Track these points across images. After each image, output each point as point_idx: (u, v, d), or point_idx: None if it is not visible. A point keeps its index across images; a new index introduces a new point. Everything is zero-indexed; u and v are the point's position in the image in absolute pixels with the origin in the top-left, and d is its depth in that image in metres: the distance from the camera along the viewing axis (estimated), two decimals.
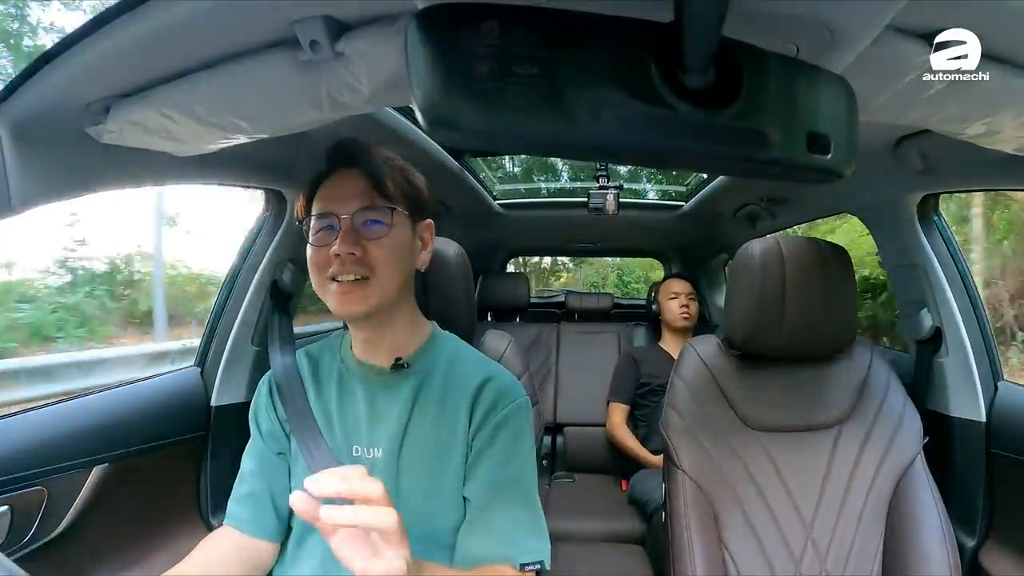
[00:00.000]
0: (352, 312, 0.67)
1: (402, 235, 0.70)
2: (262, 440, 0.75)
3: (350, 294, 0.66)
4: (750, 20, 0.42)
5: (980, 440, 1.08)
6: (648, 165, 0.71)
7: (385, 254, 0.67)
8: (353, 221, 0.67)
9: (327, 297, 0.68)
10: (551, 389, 2.34)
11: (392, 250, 0.68)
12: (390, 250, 0.68)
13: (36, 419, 0.88)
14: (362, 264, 0.66)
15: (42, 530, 0.84)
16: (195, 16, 0.50)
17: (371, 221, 0.67)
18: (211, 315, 1.21)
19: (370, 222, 0.67)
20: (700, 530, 0.93)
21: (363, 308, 0.66)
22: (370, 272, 0.66)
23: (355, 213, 0.67)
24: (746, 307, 1.00)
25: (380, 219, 0.68)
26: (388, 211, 0.68)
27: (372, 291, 0.66)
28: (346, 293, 0.66)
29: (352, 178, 0.69)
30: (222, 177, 1.00)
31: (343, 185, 0.69)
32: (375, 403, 0.72)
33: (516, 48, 0.34)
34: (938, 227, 1.21)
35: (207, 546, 0.69)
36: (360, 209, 0.67)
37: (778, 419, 1.01)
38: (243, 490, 0.73)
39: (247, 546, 0.71)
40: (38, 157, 0.67)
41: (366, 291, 0.66)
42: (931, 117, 0.61)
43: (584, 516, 1.72)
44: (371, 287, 0.66)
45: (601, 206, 1.88)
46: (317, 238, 0.68)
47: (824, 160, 0.40)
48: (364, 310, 0.67)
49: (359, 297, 0.66)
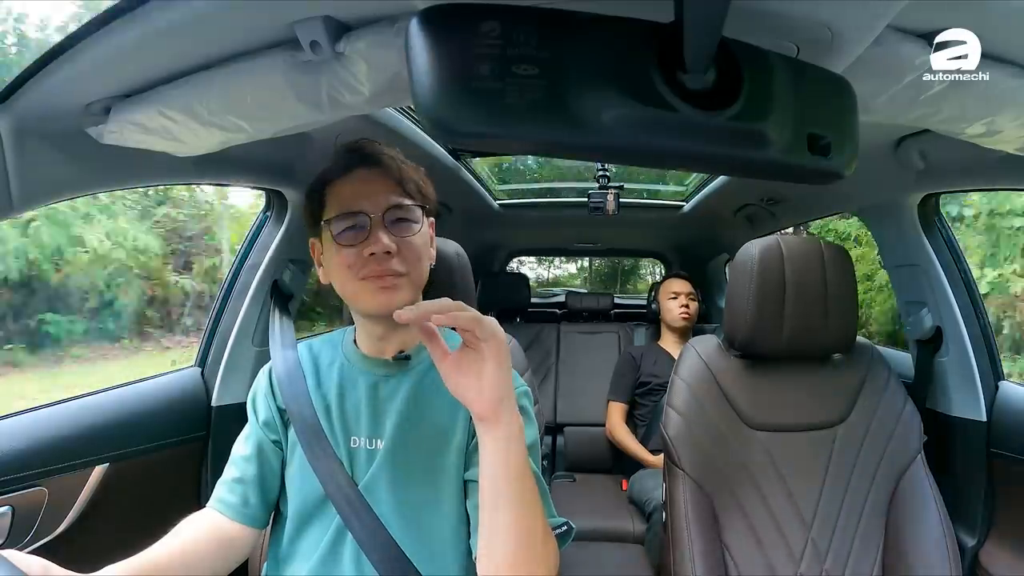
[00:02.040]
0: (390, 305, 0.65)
1: (426, 233, 0.72)
2: (259, 428, 0.75)
3: (387, 290, 0.66)
4: (750, 20, 0.42)
5: (980, 440, 1.08)
6: (648, 165, 0.71)
7: (416, 251, 0.69)
8: (384, 219, 0.67)
9: (360, 295, 0.68)
10: (551, 389, 2.34)
11: (421, 248, 0.70)
12: (419, 247, 0.69)
13: (37, 419, 0.88)
14: (397, 261, 0.67)
15: (43, 530, 0.84)
16: (195, 17, 0.50)
17: (401, 219, 0.68)
18: (211, 315, 1.21)
19: (401, 219, 0.68)
20: (700, 530, 0.93)
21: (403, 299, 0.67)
22: (404, 269, 0.67)
23: (386, 211, 0.67)
24: (746, 307, 1.00)
25: (410, 217, 0.69)
26: (417, 210, 0.70)
27: (408, 287, 0.68)
28: (384, 289, 0.66)
29: (375, 178, 0.69)
30: (222, 177, 1.00)
31: (367, 185, 0.68)
32: (376, 395, 0.72)
33: (516, 48, 0.34)
34: (938, 227, 1.21)
35: (185, 528, 0.68)
36: (390, 208, 0.68)
37: (778, 419, 1.01)
38: (232, 475, 0.73)
39: (226, 530, 0.70)
40: (39, 157, 0.67)
41: (401, 287, 0.67)
42: (931, 117, 0.61)
43: (584, 516, 1.72)
44: (406, 283, 0.68)
45: (601, 206, 1.89)
46: (345, 237, 0.67)
47: (824, 160, 0.40)
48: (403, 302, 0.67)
49: (395, 293, 0.67)
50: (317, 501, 0.69)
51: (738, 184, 1.71)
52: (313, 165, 0.74)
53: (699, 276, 2.53)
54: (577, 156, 0.60)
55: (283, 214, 1.19)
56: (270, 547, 0.75)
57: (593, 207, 1.90)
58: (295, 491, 0.72)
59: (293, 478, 0.72)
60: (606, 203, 1.88)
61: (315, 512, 0.70)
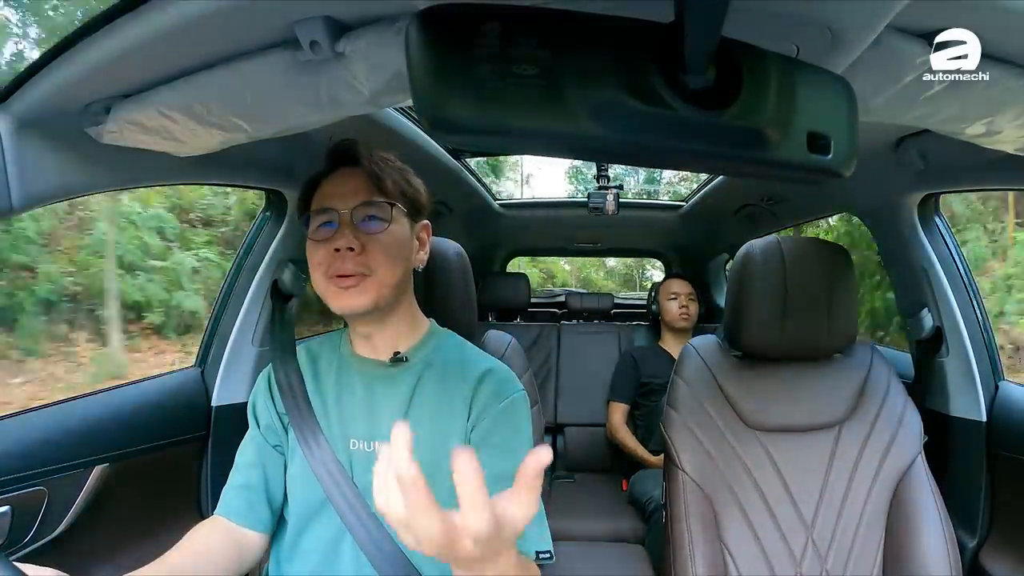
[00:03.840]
0: (351, 307, 0.67)
1: (400, 232, 0.71)
2: (260, 432, 0.75)
3: (349, 290, 0.67)
4: (750, 20, 0.42)
5: (981, 440, 1.08)
6: (648, 165, 0.71)
7: (383, 250, 0.68)
8: (353, 217, 0.68)
9: (326, 293, 0.68)
10: (551, 389, 2.34)
11: (390, 247, 0.69)
12: (388, 247, 0.69)
13: (36, 419, 0.88)
14: (360, 261, 0.67)
15: (43, 530, 0.84)
16: (195, 16, 0.50)
17: (370, 217, 0.69)
18: (211, 315, 1.21)
19: (369, 218, 0.69)
20: (700, 530, 0.93)
21: (361, 303, 0.67)
22: (368, 269, 0.67)
23: (355, 209, 0.68)
24: (746, 307, 1.00)
25: (379, 215, 0.69)
26: (387, 207, 0.69)
27: (370, 287, 0.67)
28: (345, 289, 0.67)
29: (352, 176, 0.70)
30: (222, 177, 1.00)
31: (343, 183, 0.70)
32: (373, 397, 0.72)
33: (516, 48, 0.34)
34: (938, 227, 1.21)
35: (195, 535, 0.69)
36: (359, 205, 0.68)
37: (779, 419, 1.01)
38: (238, 480, 0.73)
39: (237, 536, 0.70)
40: (38, 157, 0.67)
41: (364, 287, 0.67)
42: (931, 117, 0.61)
43: (584, 516, 1.72)
44: (369, 283, 0.67)
45: (601, 206, 1.89)
46: (317, 233, 0.69)
47: (824, 160, 0.40)
48: (362, 305, 0.67)
49: (357, 292, 0.67)
50: (318, 502, 0.69)
51: (738, 184, 1.71)
52: (313, 165, 0.74)
53: (699, 276, 2.53)
54: (577, 156, 0.60)
55: (283, 214, 1.19)
56: (272, 548, 0.75)
57: (593, 207, 1.90)
58: (296, 493, 0.72)
59: (294, 480, 0.72)
60: (606, 203, 1.88)
61: (316, 513, 0.70)
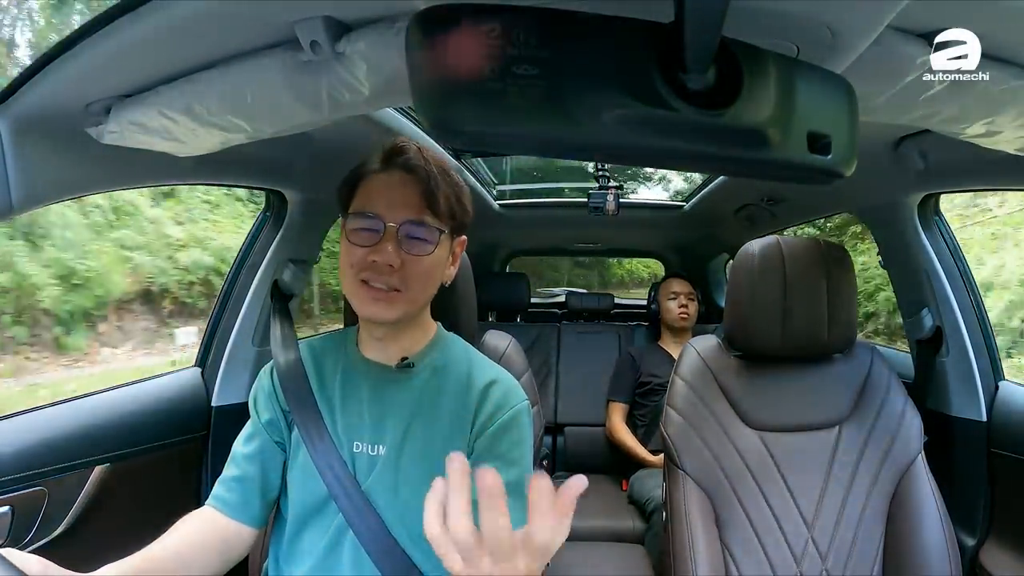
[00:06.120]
0: (377, 316, 0.67)
1: (441, 255, 0.70)
2: (262, 427, 0.74)
3: (379, 302, 0.66)
4: (750, 20, 0.42)
5: (981, 440, 1.08)
6: (648, 165, 0.71)
7: (422, 272, 0.67)
8: (398, 231, 0.66)
9: (354, 296, 0.68)
10: (551, 389, 2.34)
11: (429, 269, 0.68)
12: (427, 269, 0.68)
13: (37, 419, 0.88)
14: (398, 277, 0.66)
15: (43, 530, 0.84)
16: (195, 16, 0.50)
17: (416, 236, 0.67)
18: (212, 315, 1.21)
19: (415, 237, 0.67)
20: (700, 530, 0.93)
21: (388, 316, 0.67)
22: (403, 286, 0.66)
23: (403, 223, 0.66)
24: (746, 307, 1.00)
25: (426, 237, 0.67)
26: (435, 231, 0.67)
27: (400, 302, 0.67)
28: (376, 300, 0.66)
29: (406, 184, 0.67)
30: (222, 177, 1.00)
31: (396, 190, 0.67)
32: (379, 400, 0.72)
33: (516, 48, 0.34)
34: (938, 227, 1.21)
35: (183, 527, 0.68)
36: (408, 221, 0.66)
37: (779, 419, 1.01)
38: (233, 473, 0.73)
39: (226, 529, 0.70)
40: (39, 157, 0.67)
41: (394, 302, 0.66)
42: (931, 117, 0.61)
43: (584, 516, 1.72)
44: (399, 299, 0.66)
45: (601, 206, 1.89)
46: (356, 236, 0.67)
47: (824, 160, 0.40)
48: (389, 318, 0.67)
49: (386, 305, 0.66)
50: (319, 501, 0.69)
51: (738, 184, 1.71)
52: (313, 165, 0.73)
53: (699, 276, 2.53)
54: (577, 156, 0.60)
55: (283, 214, 1.19)
56: (271, 546, 0.75)
57: (593, 207, 1.90)
58: (297, 491, 0.71)
59: (295, 478, 0.72)
60: (606, 203, 1.88)
61: (316, 512, 0.70)
